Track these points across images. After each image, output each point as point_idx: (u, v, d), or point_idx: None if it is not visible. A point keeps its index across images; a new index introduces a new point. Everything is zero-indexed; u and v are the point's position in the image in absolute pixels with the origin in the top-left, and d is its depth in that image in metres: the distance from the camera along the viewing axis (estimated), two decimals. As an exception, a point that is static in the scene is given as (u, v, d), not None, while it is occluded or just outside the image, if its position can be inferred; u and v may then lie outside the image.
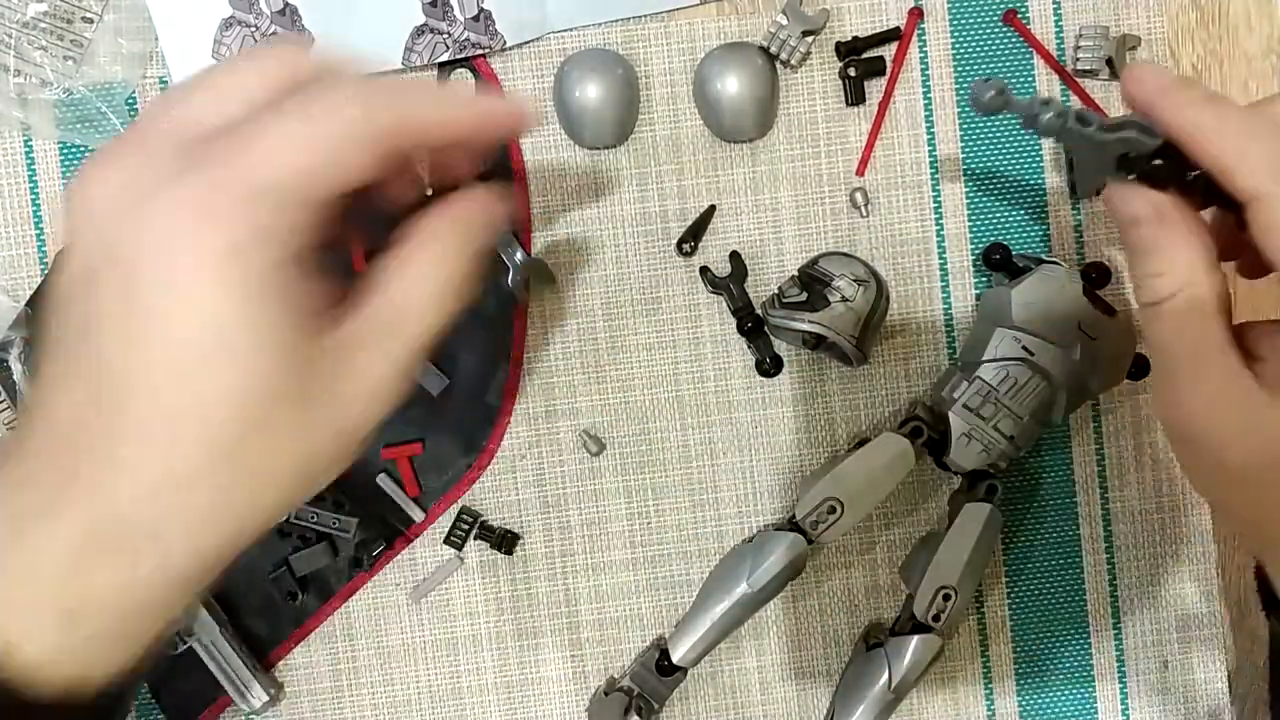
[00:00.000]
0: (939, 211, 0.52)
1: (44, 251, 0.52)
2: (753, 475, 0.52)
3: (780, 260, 0.52)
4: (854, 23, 0.51)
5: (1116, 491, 0.53)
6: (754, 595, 0.47)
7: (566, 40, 0.51)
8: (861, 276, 0.49)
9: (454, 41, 0.50)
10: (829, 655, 0.53)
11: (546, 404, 0.52)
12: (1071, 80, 0.51)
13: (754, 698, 0.53)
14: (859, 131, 0.52)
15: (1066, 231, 0.52)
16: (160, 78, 0.51)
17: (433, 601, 0.52)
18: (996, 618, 0.53)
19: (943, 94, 0.52)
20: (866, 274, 0.49)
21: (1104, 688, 0.53)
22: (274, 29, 0.50)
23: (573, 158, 0.52)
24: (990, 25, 0.51)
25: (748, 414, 0.52)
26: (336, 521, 0.51)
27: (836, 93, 0.51)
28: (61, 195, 0.35)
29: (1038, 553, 0.53)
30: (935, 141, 0.52)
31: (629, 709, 0.49)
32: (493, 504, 0.52)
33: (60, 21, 0.50)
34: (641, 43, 0.51)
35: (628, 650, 0.53)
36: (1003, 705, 0.53)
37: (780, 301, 0.49)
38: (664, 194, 0.52)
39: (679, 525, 0.53)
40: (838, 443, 0.52)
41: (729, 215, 0.52)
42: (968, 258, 0.52)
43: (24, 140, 0.51)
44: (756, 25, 0.51)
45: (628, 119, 0.51)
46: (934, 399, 0.50)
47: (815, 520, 0.47)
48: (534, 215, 0.52)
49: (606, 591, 0.53)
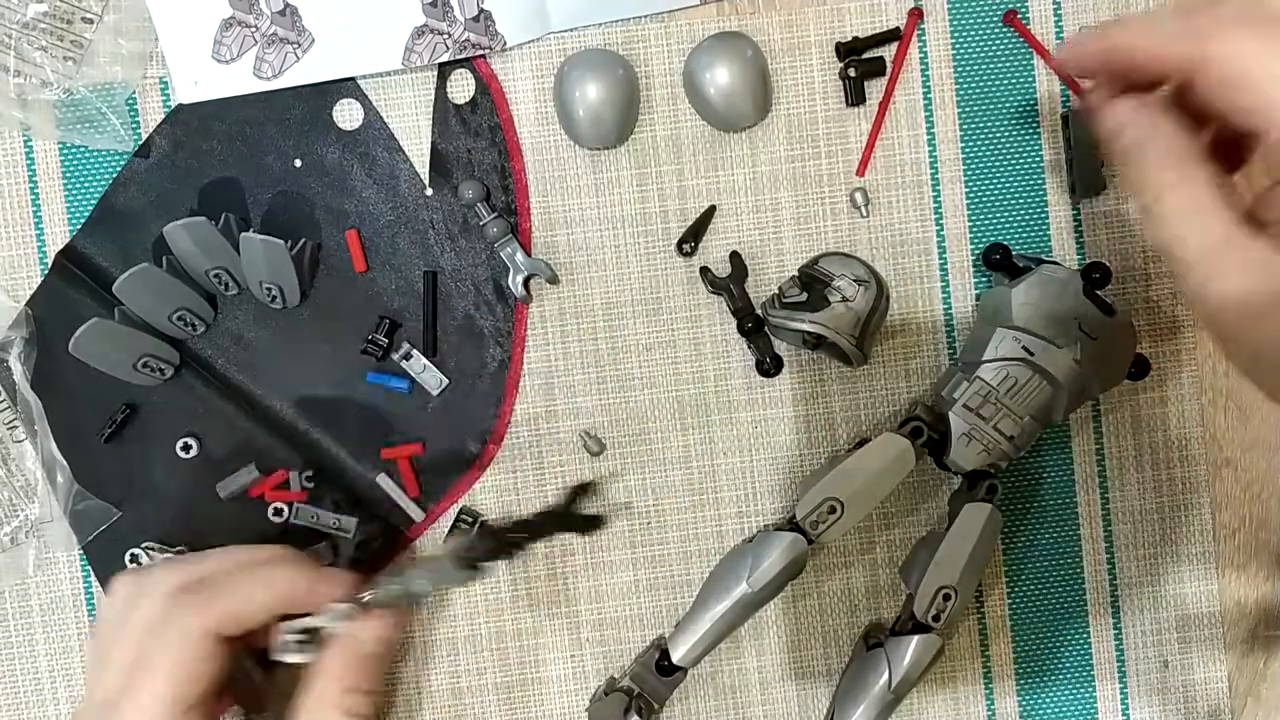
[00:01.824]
0: (939, 211, 0.52)
1: (44, 252, 0.52)
2: (753, 475, 0.52)
3: (780, 260, 0.52)
4: (854, 23, 0.51)
5: (1116, 491, 0.53)
6: (754, 595, 0.47)
7: (566, 40, 0.51)
8: (862, 277, 0.49)
9: (454, 42, 0.50)
10: (829, 655, 0.53)
11: (546, 404, 0.52)
12: (1071, 80, 0.51)
13: (754, 698, 0.53)
14: (859, 131, 0.52)
15: (1066, 231, 0.52)
16: (160, 78, 0.51)
17: (433, 601, 0.52)
18: (996, 618, 0.53)
19: (943, 94, 0.52)
20: (867, 274, 0.49)
21: (1104, 687, 0.53)
22: (274, 29, 0.50)
23: (573, 158, 0.52)
24: (990, 25, 0.51)
25: (748, 414, 0.52)
26: (336, 521, 0.51)
27: (836, 93, 0.51)
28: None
29: (1038, 553, 0.53)
30: (935, 141, 0.52)
31: (629, 709, 0.48)
32: (493, 504, 0.52)
33: (60, 21, 0.50)
34: (641, 43, 0.51)
35: (628, 650, 0.53)
36: (1003, 705, 0.53)
37: (780, 301, 0.49)
38: (664, 194, 0.52)
39: (679, 525, 0.53)
40: (838, 443, 0.52)
41: (729, 215, 0.52)
42: (968, 258, 0.52)
43: (24, 140, 0.51)
44: (757, 25, 0.51)
45: (628, 119, 0.51)
46: (934, 399, 0.50)
47: (815, 520, 0.47)
48: (534, 215, 0.52)
49: (606, 591, 0.53)
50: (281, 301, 0.51)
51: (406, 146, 0.51)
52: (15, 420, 0.52)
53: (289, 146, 0.52)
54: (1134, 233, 0.52)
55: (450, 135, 0.52)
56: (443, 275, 0.52)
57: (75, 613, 0.52)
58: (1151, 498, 0.53)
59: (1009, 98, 0.52)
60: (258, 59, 0.50)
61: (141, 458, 0.52)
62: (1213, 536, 0.53)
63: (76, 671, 0.53)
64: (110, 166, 0.51)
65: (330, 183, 0.52)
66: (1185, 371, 0.52)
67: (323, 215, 0.52)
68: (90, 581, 0.52)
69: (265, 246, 0.48)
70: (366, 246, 0.52)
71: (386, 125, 0.51)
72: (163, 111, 0.51)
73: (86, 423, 0.51)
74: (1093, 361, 0.47)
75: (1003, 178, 0.52)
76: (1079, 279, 0.48)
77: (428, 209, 0.52)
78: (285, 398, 0.52)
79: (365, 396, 0.52)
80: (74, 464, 0.51)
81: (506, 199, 0.52)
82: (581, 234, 0.52)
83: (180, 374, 0.51)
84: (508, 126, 0.51)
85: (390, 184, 0.52)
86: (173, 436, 0.51)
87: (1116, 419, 0.53)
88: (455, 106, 0.51)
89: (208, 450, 0.52)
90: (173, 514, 0.52)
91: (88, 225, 0.51)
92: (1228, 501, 0.53)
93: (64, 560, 0.52)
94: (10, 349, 0.51)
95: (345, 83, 0.51)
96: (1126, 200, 0.52)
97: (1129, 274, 0.52)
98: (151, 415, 0.52)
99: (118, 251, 0.51)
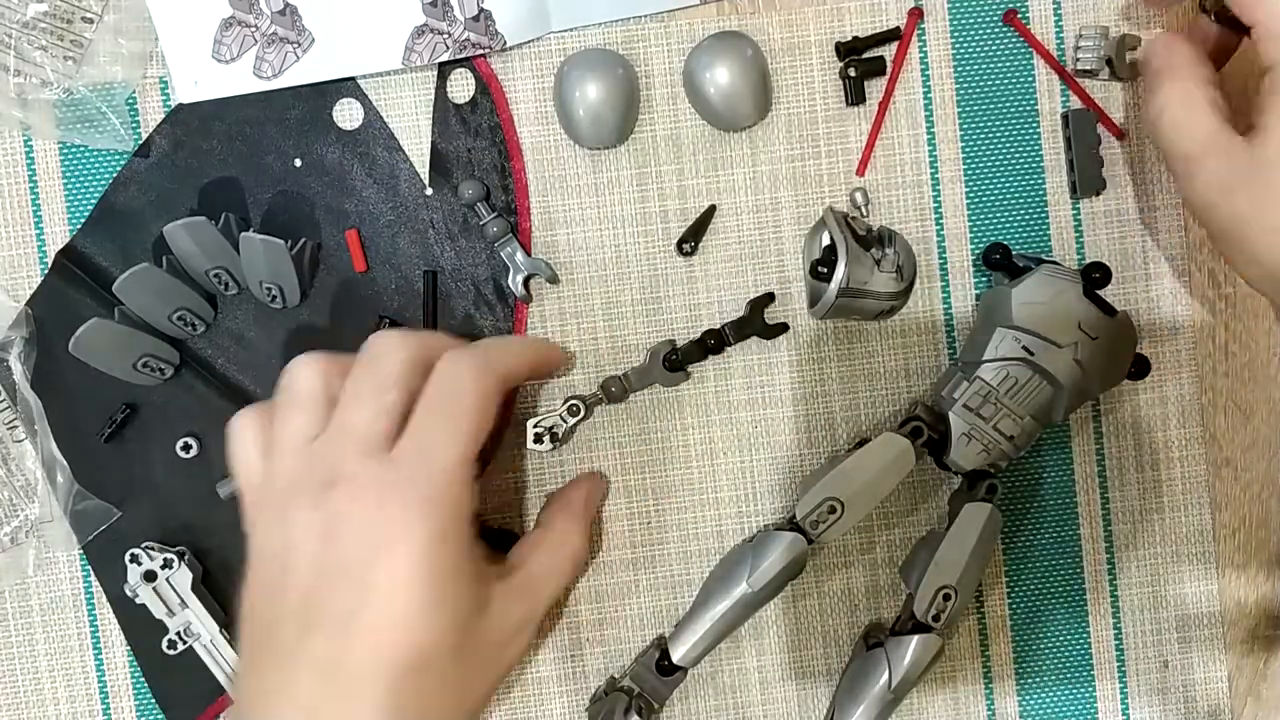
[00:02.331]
0: (939, 211, 0.52)
1: (44, 251, 0.52)
2: (753, 475, 0.52)
3: (780, 260, 0.52)
4: (854, 22, 0.51)
5: (1116, 491, 0.53)
6: (754, 595, 0.47)
7: (566, 40, 0.51)
8: (907, 278, 0.50)
9: (454, 41, 0.50)
10: (829, 655, 0.53)
11: (547, 404, 0.52)
12: (1071, 80, 0.51)
13: (754, 698, 0.53)
14: (859, 131, 0.52)
15: (1066, 231, 0.52)
16: (160, 77, 0.51)
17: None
18: (996, 618, 0.53)
19: (943, 94, 0.52)
20: (910, 276, 0.50)
21: (1104, 687, 0.53)
22: (274, 29, 0.50)
23: (573, 158, 0.52)
24: (990, 25, 0.51)
25: (748, 414, 0.52)
26: (336, 521, 0.51)
27: (836, 93, 0.51)
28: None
29: (1038, 553, 0.53)
30: (935, 141, 0.52)
31: (629, 709, 0.48)
32: (493, 504, 0.52)
33: (60, 21, 0.50)
34: (641, 43, 0.51)
35: (628, 650, 0.53)
36: (1003, 705, 0.53)
37: (854, 232, 0.49)
38: (664, 194, 0.52)
39: (679, 525, 0.53)
40: (838, 443, 0.52)
41: (729, 215, 0.52)
42: (968, 258, 0.52)
43: (24, 140, 0.51)
44: (757, 24, 0.51)
45: (628, 119, 0.51)
46: (934, 399, 0.50)
47: (815, 520, 0.47)
48: (534, 215, 0.52)
49: (606, 591, 0.53)
50: (281, 301, 0.51)
51: (406, 146, 0.51)
52: (15, 420, 0.52)
53: (289, 146, 0.52)
54: (1134, 232, 0.52)
55: (450, 135, 0.52)
56: (443, 275, 0.52)
57: (75, 613, 0.52)
58: (1151, 498, 0.53)
59: (1009, 98, 0.52)
60: (258, 59, 0.50)
61: (141, 458, 0.52)
62: (1213, 536, 0.53)
63: (76, 671, 0.53)
64: (110, 166, 0.51)
65: (330, 182, 0.52)
66: (1185, 371, 0.52)
67: (323, 215, 0.52)
68: (90, 581, 0.52)
69: (265, 246, 0.48)
70: (366, 246, 0.52)
71: (386, 125, 0.51)
72: (163, 111, 0.51)
73: (86, 423, 0.51)
74: (1093, 361, 0.47)
75: (1003, 178, 0.52)
76: (1079, 279, 0.48)
77: (428, 209, 0.52)
78: (285, 398, 0.52)
79: (365, 396, 0.52)
80: (74, 464, 0.51)
81: (506, 199, 0.52)
82: (581, 234, 0.52)
83: (180, 374, 0.51)
84: (508, 126, 0.51)
85: (390, 184, 0.52)
86: (173, 436, 0.51)
87: (1116, 419, 0.53)
88: (455, 106, 0.51)
89: (208, 450, 0.52)
90: (173, 514, 0.52)
91: (88, 225, 0.51)
92: (1228, 501, 0.53)
93: (64, 560, 0.52)
94: (10, 349, 0.51)
95: (345, 82, 0.51)
96: (1126, 200, 0.52)
97: (1129, 274, 0.52)
98: (151, 415, 0.52)
99: (118, 251, 0.51)
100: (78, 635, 0.52)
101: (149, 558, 0.50)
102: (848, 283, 0.48)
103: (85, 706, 0.53)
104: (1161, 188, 0.52)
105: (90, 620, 0.52)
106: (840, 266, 0.48)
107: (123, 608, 0.52)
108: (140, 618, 0.51)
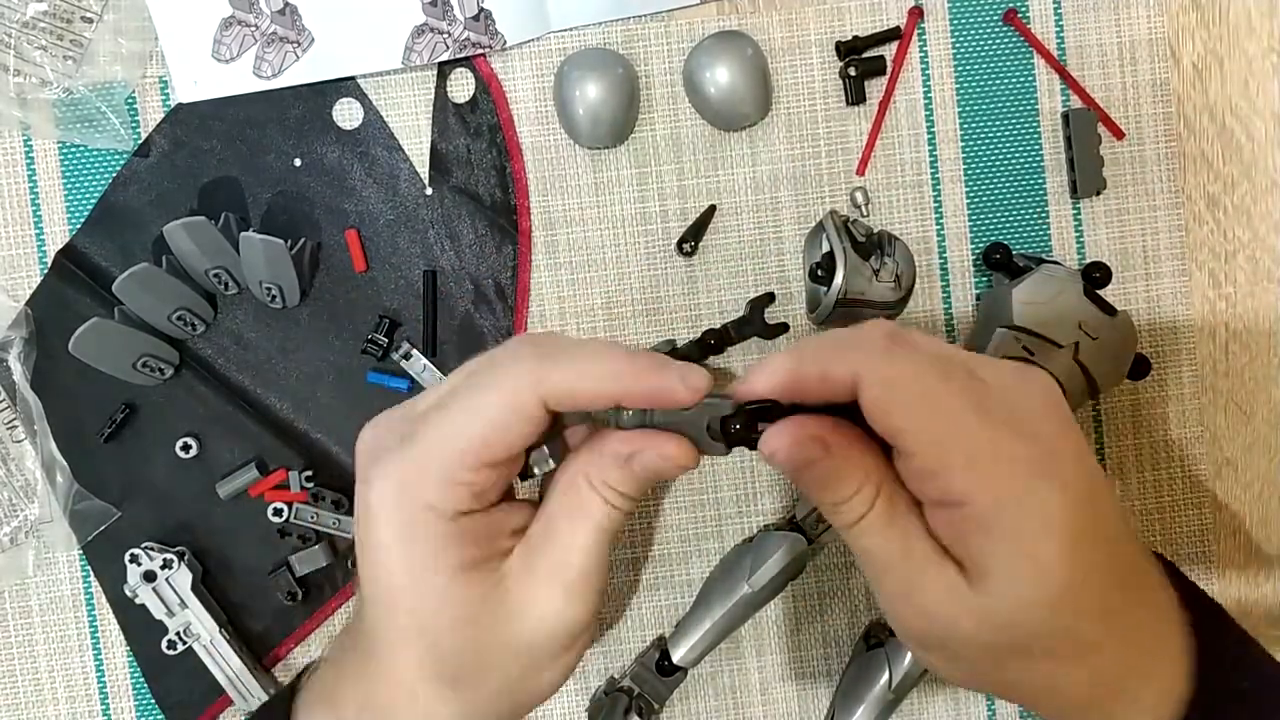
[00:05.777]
0: (939, 211, 0.52)
1: (44, 251, 0.52)
2: (753, 475, 0.52)
3: (780, 260, 0.52)
4: (854, 22, 0.51)
5: (1116, 491, 0.53)
6: (754, 595, 0.47)
7: (566, 40, 0.51)
8: (905, 286, 0.50)
9: (454, 41, 0.50)
10: (829, 655, 0.53)
11: (546, 404, 0.52)
12: (1071, 80, 0.51)
13: (754, 698, 0.53)
14: (859, 131, 0.52)
15: (1066, 231, 0.52)
16: (160, 77, 0.51)
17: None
18: (996, 617, 0.53)
19: (943, 94, 0.52)
20: (908, 285, 0.50)
21: (1104, 687, 0.53)
22: (274, 29, 0.50)
23: (573, 157, 0.52)
24: (990, 25, 0.51)
25: (748, 414, 0.52)
26: (336, 521, 0.51)
27: (837, 92, 0.51)
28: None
29: (1038, 552, 0.53)
30: (935, 141, 0.52)
31: (629, 709, 0.49)
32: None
33: (60, 21, 0.50)
34: (641, 43, 0.51)
35: (628, 650, 0.53)
36: (1003, 705, 0.53)
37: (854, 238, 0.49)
38: (664, 193, 0.52)
39: (679, 525, 0.53)
40: (838, 443, 0.52)
41: (729, 214, 0.52)
42: (968, 257, 0.52)
43: (24, 140, 0.51)
44: (757, 24, 0.51)
45: (627, 119, 0.51)
46: (934, 399, 0.49)
47: (815, 520, 0.47)
48: (534, 215, 0.52)
49: (607, 591, 0.53)
50: (281, 301, 0.51)
51: (406, 146, 0.51)
52: (15, 420, 0.52)
53: (289, 146, 0.51)
54: (1134, 232, 0.52)
55: (450, 134, 0.51)
56: (442, 275, 0.52)
57: (75, 613, 0.52)
58: (1151, 498, 0.53)
59: (1009, 97, 0.52)
60: (257, 58, 0.50)
61: (141, 458, 0.52)
62: (1213, 536, 0.53)
63: (76, 671, 0.53)
64: (110, 166, 0.51)
65: (330, 182, 0.52)
66: (1185, 371, 0.52)
67: (322, 215, 0.52)
68: (90, 581, 0.52)
69: (265, 246, 0.48)
70: (366, 246, 0.52)
71: (386, 125, 0.51)
72: (162, 111, 0.51)
73: (86, 423, 0.51)
74: (1093, 362, 0.47)
75: (1003, 178, 0.52)
76: (1079, 279, 0.48)
77: (427, 208, 0.52)
78: (285, 398, 0.52)
79: (365, 396, 0.52)
80: (74, 464, 0.51)
81: (506, 198, 0.52)
82: (581, 233, 0.52)
83: (180, 374, 0.51)
84: (507, 126, 0.51)
85: (390, 183, 0.52)
86: (173, 436, 0.51)
87: (1116, 419, 0.53)
88: (455, 106, 0.51)
89: (208, 450, 0.52)
90: (173, 514, 0.52)
91: (87, 225, 0.51)
92: (1228, 501, 0.53)
93: (64, 560, 0.52)
94: (10, 349, 0.51)
95: (345, 82, 0.51)
96: (1126, 200, 0.52)
97: (1129, 274, 0.52)
98: (151, 415, 0.52)
99: (117, 251, 0.51)
100: (77, 635, 0.52)
101: (149, 558, 0.50)
102: (845, 293, 0.48)
103: (85, 707, 0.53)
104: (1161, 188, 0.52)
105: (90, 620, 0.52)
106: (838, 277, 0.48)
107: (122, 608, 0.52)
108: (140, 618, 0.51)
